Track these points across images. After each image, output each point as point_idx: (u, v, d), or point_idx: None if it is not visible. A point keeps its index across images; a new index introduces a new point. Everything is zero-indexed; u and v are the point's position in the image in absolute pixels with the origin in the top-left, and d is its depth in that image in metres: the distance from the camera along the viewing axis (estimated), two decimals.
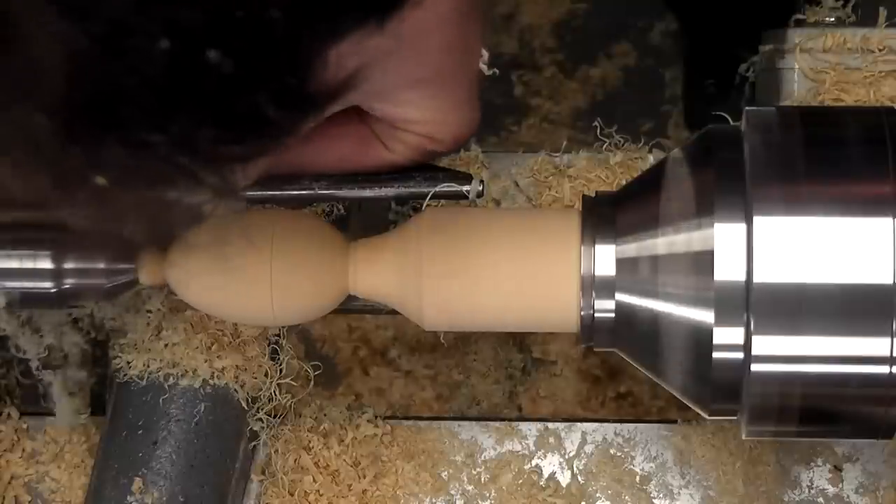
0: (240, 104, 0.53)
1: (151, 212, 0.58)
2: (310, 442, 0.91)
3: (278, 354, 0.90)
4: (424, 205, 0.73)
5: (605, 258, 0.70)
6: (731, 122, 0.74)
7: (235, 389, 0.88)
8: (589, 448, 0.92)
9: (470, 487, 0.92)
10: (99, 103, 0.51)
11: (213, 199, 0.57)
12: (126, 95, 0.51)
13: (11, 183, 0.54)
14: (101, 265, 0.75)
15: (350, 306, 0.78)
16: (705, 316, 0.67)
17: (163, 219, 0.60)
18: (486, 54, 0.70)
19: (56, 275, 0.75)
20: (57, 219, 0.59)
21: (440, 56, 0.66)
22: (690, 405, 0.71)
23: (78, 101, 0.51)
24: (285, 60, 0.54)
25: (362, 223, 0.89)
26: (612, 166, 0.90)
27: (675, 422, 0.92)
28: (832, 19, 0.87)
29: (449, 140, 0.70)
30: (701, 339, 0.67)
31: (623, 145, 0.91)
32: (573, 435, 0.92)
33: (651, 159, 0.90)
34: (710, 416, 0.71)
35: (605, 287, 0.70)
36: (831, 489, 0.91)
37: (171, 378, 0.87)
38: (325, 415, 0.92)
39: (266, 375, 0.89)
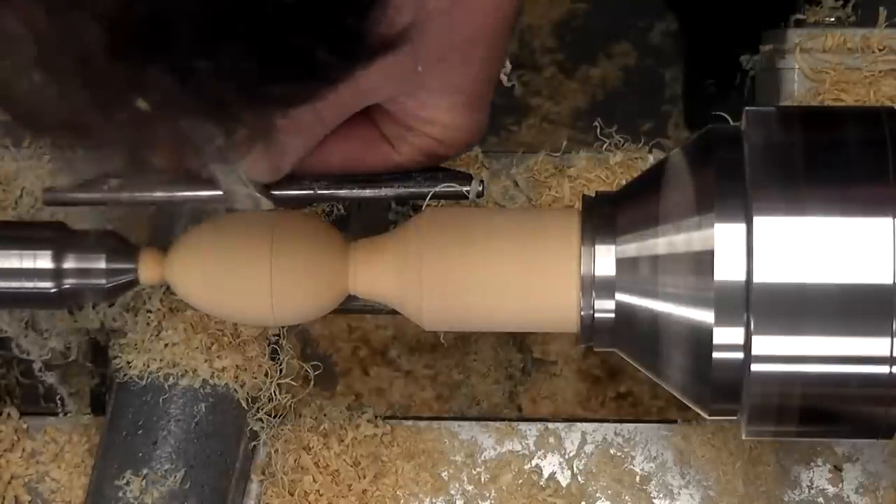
0: (294, 40, 0.52)
1: (183, 148, 0.57)
2: (310, 442, 0.91)
3: (278, 354, 0.90)
4: (424, 205, 0.73)
5: (605, 258, 0.70)
6: (731, 122, 0.74)
7: (235, 389, 0.88)
8: (589, 448, 0.92)
9: (470, 487, 0.92)
10: (153, 20, 0.50)
11: (247, 142, 0.57)
12: (182, 15, 0.50)
13: (51, 97, 0.53)
14: (101, 265, 0.75)
15: (350, 306, 0.78)
16: (705, 316, 0.67)
17: (191, 156, 0.59)
18: (508, 66, 0.71)
19: (56, 275, 0.75)
20: (90, 142, 0.58)
21: (478, 65, 0.67)
22: (690, 405, 0.71)
23: (133, 15, 0.50)
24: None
25: (362, 223, 0.89)
26: (612, 166, 0.90)
27: (675, 422, 0.92)
28: (832, 19, 0.87)
29: (457, 146, 0.71)
30: (701, 339, 0.67)
31: (623, 145, 0.91)
32: (573, 435, 0.92)
33: (651, 159, 0.90)
34: (710, 416, 0.71)
35: (605, 287, 0.70)
36: (831, 489, 0.91)
37: (171, 378, 0.87)
38: (325, 415, 0.92)
39: (266, 375, 0.89)
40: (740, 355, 0.67)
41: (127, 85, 0.52)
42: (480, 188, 0.74)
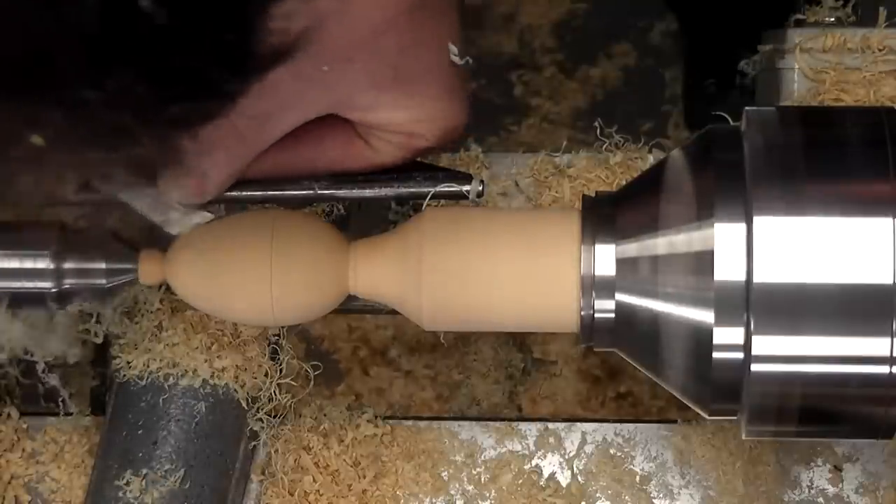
0: (178, 59, 0.51)
1: (93, 178, 0.56)
2: (310, 442, 0.91)
3: (278, 354, 0.90)
4: (424, 205, 0.73)
5: (605, 258, 0.70)
6: (731, 122, 0.74)
7: (235, 389, 0.88)
8: (589, 448, 0.92)
9: (470, 487, 0.92)
10: (31, 55, 0.49)
11: (160, 168, 0.56)
12: (59, 47, 0.49)
13: None
14: (101, 265, 0.75)
15: (350, 306, 0.78)
16: (705, 316, 0.67)
17: (106, 184, 0.58)
18: (454, 48, 0.69)
19: (56, 275, 0.75)
20: None
21: (396, 56, 0.65)
22: (690, 405, 0.71)
23: (10, 53, 0.49)
24: (225, 13, 0.51)
25: (362, 223, 0.89)
26: (612, 166, 0.90)
27: (675, 422, 0.92)
28: (832, 19, 0.87)
29: (435, 135, 0.70)
30: (701, 339, 0.67)
31: (623, 145, 0.91)
32: (573, 435, 0.92)
33: (651, 159, 0.90)
34: (710, 416, 0.71)
35: (605, 287, 0.70)
36: (831, 489, 0.91)
37: (171, 378, 0.87)
38: (325, 415, 0.92)
39: (266, 375, 0.89)
40: (740, 355, 0.67)
41: (19, 122, 0.51)
42: (480, 188, 0.74)
